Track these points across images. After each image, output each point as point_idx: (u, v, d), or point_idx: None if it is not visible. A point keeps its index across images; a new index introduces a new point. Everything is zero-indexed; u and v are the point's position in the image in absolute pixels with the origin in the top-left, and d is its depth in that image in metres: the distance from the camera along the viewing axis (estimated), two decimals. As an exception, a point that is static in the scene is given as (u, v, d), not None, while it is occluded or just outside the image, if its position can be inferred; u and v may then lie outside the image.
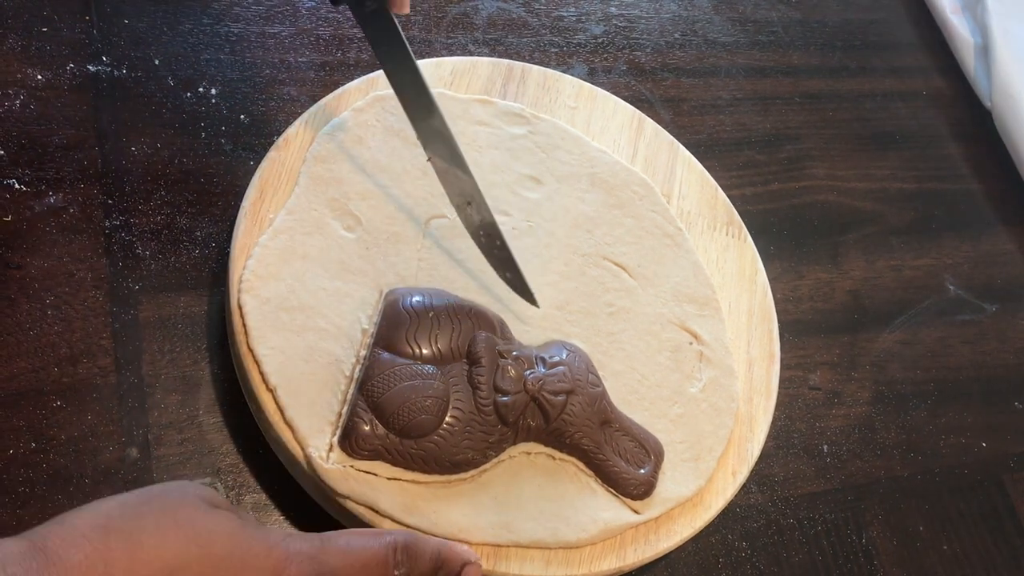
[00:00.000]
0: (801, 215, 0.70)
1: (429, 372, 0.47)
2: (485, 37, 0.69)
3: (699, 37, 0.76)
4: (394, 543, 0.39)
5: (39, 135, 0.55)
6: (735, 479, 0.53)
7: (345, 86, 0.57)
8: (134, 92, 0.58)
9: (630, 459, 0.50)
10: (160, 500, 0.35)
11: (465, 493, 0.47)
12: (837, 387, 0.64)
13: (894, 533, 0.60)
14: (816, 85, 0.78)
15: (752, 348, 0.58)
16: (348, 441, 0.45)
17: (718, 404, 0.54)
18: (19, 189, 0.53)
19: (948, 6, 0.85)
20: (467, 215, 0.51)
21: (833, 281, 0.68)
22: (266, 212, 0.51)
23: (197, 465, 0.49)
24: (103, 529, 0.33)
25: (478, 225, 0.51)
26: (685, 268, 0.58)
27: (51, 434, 0.48)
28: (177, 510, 0.34)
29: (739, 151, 0.71)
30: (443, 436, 0.46)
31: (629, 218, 0.59)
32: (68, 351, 0.50)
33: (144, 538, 0.33)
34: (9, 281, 0.50)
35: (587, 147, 0.60)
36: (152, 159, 0.56)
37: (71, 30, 0.59)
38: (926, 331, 0.69)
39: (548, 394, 0.48)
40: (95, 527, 0.33)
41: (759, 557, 0.56)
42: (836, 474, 0.60)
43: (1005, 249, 0.75)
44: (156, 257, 0.54)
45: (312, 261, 0.50)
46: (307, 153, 0.54)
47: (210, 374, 0.51)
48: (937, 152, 0.79)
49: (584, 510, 0.48)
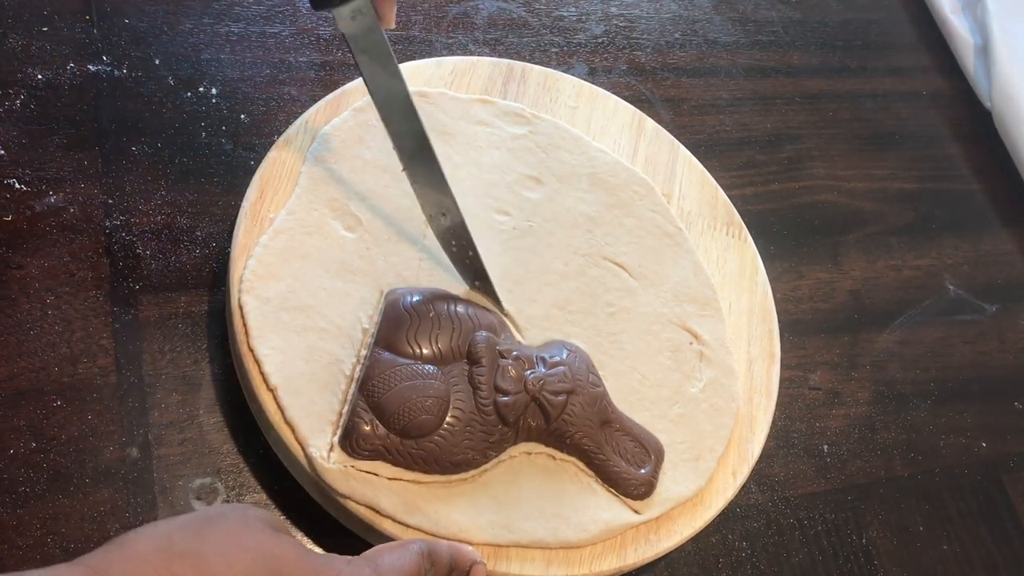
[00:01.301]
0: (801, 215, 0.70)
1: (430, 372, 0.47)
2: (485, 37, 0.69)
3: (699, 37, 0.76)
4: (421, 551, 0.39)
5: (40, 135, 0.55)
6: (735, 479, 0.53)
7: (345, 86, 0.57)
8: (134, 92, 0.58)
9: (630, 459, 0.50)
10: (223, 523, 0.34)
11: (466, 493, 0.47)
12: (837, 387, 0.64)
13: (894, 533, 0.60)
14: (816, 85, 0.78)
15: (752, 348, 0.58)
16: (349, 441, 0.45)
17: (718, 404, 0.54)
18: (19, 189, 0.53)
19: (948, 6, 0.85)
20: (439, 224, 0.51)
21: (833, 281, 0.68)
22: (266, 212, 0.51)
23: (197, 465, 0.49)
24: (166, 552, 0.32)
25: (451, 235, 0.51)
26: (685, 268, 0.58)
27: (51, 434, 0.48)
28: (241, 533, 0.34)
29: (739, 151, 0.71)
30: (443, 436, 0.46)
31: (629, 218, 0.58)
32: (68, 351, 0.50)
33: (210, 561, 0.32)
34: (9, 281, 0.50)
35: (587, 147, 0.60)
36: (152, 159, 0.56)
37: (71, 30, 0.59)
38: (926, 331, 0.69)
39: (548, 394, 0.48)
40: (158, 550, 0.32)
41: (759, 557, 0.56)
42: (836, 474, 0.60)
43: (1005, 249, 0.75)
44: (156, 257, 0.54)
45: (312, 261, 0.50)
46: (307, 153, 0.54)
47: (210, 374, 0.51)
48: (937, 152, 0.79)
49: (584, 510, 0.49)
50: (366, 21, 0.45)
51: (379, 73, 0.46)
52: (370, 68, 0.46)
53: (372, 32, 0.45)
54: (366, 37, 0.45)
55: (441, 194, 0.50)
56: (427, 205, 0.50)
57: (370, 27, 0.45)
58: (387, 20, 0.46)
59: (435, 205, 0.50)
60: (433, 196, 0.50)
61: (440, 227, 0.51)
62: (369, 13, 0.45)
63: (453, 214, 0.50)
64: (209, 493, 0.48)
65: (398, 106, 0.47)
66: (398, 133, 0.48)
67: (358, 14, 0.44)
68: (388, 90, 0.47)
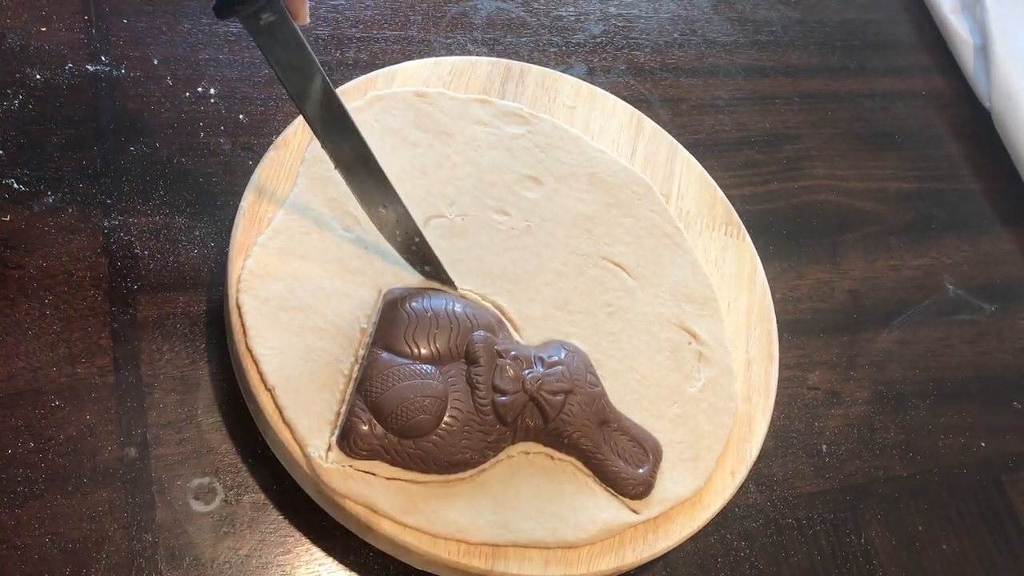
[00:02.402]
0: (800, 215, 0.70)
1: (427, 372, 0.47)
2: (484, 37, 0.69)
3: (698, 37, 0.76)
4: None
5: (38, 135, 0.55)
6: (734, 479, 0.53)
7: (344, 86, 0.57)
8: (132, 92, 0.58)
9: (629, 459, 0.50)
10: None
11: (464, 493, 0.47)
12: (836, 387, 0.64)
13: (893, 533, 0.60)
14: (815, 85, 0.78)
15: (751, 348, 0.58)
16: (346, 441, 0.45)
17: (717, 404, 0.54)
18: (18, 189, 0.53)
19: (947, 6, 0.85)
20: (381, 217, 0.50)
21: (832, 281, 0.68)
22: (265, 212, 0.51)
23: (195, 465, 0.49)
24: None
25: (395, 226, 0.50)
26: (684, 268, 0.58)
27: (50, 434, 0.48)
28: None
29: (738, 151, 0.71)
30: (441, 436, 0.46)
31: (628, 218, 0.58)
32: (67, 351, 0.50)
33: None
34: (8, 281, 0.50)
35: (586, 147, 0.60)
36: (151, 159, 0.56)
37: (70, 30, 0.59)
38: (925, 331, 0.69)
39: (547, 394, 0.48)
40: None
41: (758, 557, 0.56)
42: (835, 474, 0.60)
43: (1005, 249, 0.75)
44: (155, 257, 0.54)
45: (311, 261, 0.50)
46: (306, 153, 0.54)
47: (209, 374, 0.51)
48: (937, 152, 0.79)
49: (583, 510, 0.48)
50: (278, 24, 0.42)
51: (299, 76, 0.44)
52: (289, 73, 0.43)
53: (287, 34, 0.42)
54: (281, 41, 0.42)
55: (380, 186, 0.49)
56: (366, 202, 0.49)
57: (283, 29, 0.42)
58: (300, 16, 0.43)
59: (375, 200, 0.49)
60: (373, 191, 0.49)
61: (382, 219, 0.50)
62: (280, 13, 0.42)
63: (394, 204, 0.49)
64: (207, 493, 0.49)
65: (326, 110, 0.45)
66: (328, 136, 0.46)
67: (267, 16, 0.41)
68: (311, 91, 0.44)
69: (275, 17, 0.42)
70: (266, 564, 0.48)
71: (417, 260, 0.52)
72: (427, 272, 0.52)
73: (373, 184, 0.49)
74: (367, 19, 0.67)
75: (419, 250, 0.51)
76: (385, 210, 0.50)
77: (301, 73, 0.44)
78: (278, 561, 0.48)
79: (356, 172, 0.48)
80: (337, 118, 0.46)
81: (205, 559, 0.47)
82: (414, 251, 0.51)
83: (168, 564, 0.46)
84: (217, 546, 0.47)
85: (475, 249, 0.54)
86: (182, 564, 0.46)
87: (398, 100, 0.57)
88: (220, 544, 0.47)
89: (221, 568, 0.47)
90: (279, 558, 0.48)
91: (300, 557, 0.48)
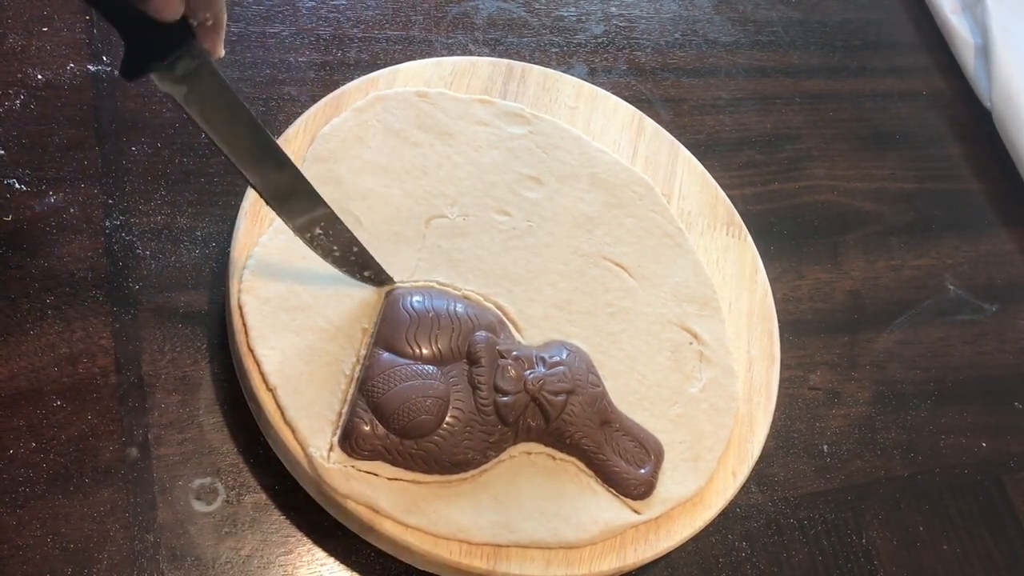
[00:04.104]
0: (801, 215, 0.70)
1: (429, 372, 0.47)
2: (485, 37, 0.69)
3: (699, 37, 0.76)
4: None
5: (39, 135, 0.55)
6: (735, 479, 0.53)
7: (345, 86, 0.57)
8: (134, 92, 0.58)
9: (630, 459, 0.50)
10: None
11: (465, 493, 0.47)
12: (837, 387, 0.64)
13: (894, 533, 0.60)
14: (816, 85, 0.78)
15: (752, 348, 0.58)
16: (348, 441, 0.45)
17: (718, 404, 0.54)
18: (19, 189, 0.53)
19: (948, 6, 0.85)
20: (315, 237, 0.48)
21: (833, 281, 0.68)
22: (266, 212, 0.51)
23: (197, 465, 0.49)
24: None
25: (331, 243, 0.48)
26: (685, 268, 0.58)
27: (51, 434, 0.48)
28: None
29: (739, 151, 0.71)
30: (443, 436, 0.46)
31: (629, 218, 0.58)
32: (68, 351, 0.50)
33: None
34: (9, 281, 0.50)
35: (587, 147, 0.60)
36: (152, 159, 0.56)
37: (71, 30, 0.59)
38: (926, 331, 0.69)
39: (548, 394, 0.48)
40: None
41: (759, 557, 0.56)
42: (836, 474, 0.60)
43: (1005, 249, 0.75)
44: (156, 257, 0.54)
45: (312, 261, 0.50)
46: (307, 153, 0.54)
47: (210, 374, 0.51)
48: (937, 152, 0.79)
49: (584, 510, 0.48)
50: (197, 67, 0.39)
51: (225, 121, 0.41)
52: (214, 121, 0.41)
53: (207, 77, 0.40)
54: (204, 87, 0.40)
55: (313, 208, 0.47)
56: (299, 229, 0.47)
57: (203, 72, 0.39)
58: (215, 51, 0.40)
59: (307, 225, 0.47)
60: (304, 215, 0.47)
61: (317, 239, 0.48)
62: (200, 56, 0.39)
63: (327, 219, 0.47)
64: (209, 493, 0.49)
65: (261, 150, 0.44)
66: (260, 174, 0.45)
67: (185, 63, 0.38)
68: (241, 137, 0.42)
69: (196, 62, 0.39)
70: (268, 564, 0.48)
71: (356, 269, 0.50)
72: (367, 277, 0.51)
73: (304, 204, 0.47)
74: (369, 19, 0.67)
75: (357, 259, 0.50)
76: (318, 230, 0.48)
77: (229, 114, 0.42)
78: (280, 561, 0.48)
79: (288, 204, 0.46)
80: (270, 153, 0.44)
81: (207, 559, 0.47)
82: (353, 261, 0.50)
83: (170, 564, 0.46)
84: (219, 546, 0.47)
85: (476, 249, 0.54)
86: (183, 564, 0.47)
87: (399, 100, 0.57)
88: (222, 544, 0.47)
89: (223, 568, 0.47)
90: (281, 558, 0.48)
91: (302, 557, 0.49)
